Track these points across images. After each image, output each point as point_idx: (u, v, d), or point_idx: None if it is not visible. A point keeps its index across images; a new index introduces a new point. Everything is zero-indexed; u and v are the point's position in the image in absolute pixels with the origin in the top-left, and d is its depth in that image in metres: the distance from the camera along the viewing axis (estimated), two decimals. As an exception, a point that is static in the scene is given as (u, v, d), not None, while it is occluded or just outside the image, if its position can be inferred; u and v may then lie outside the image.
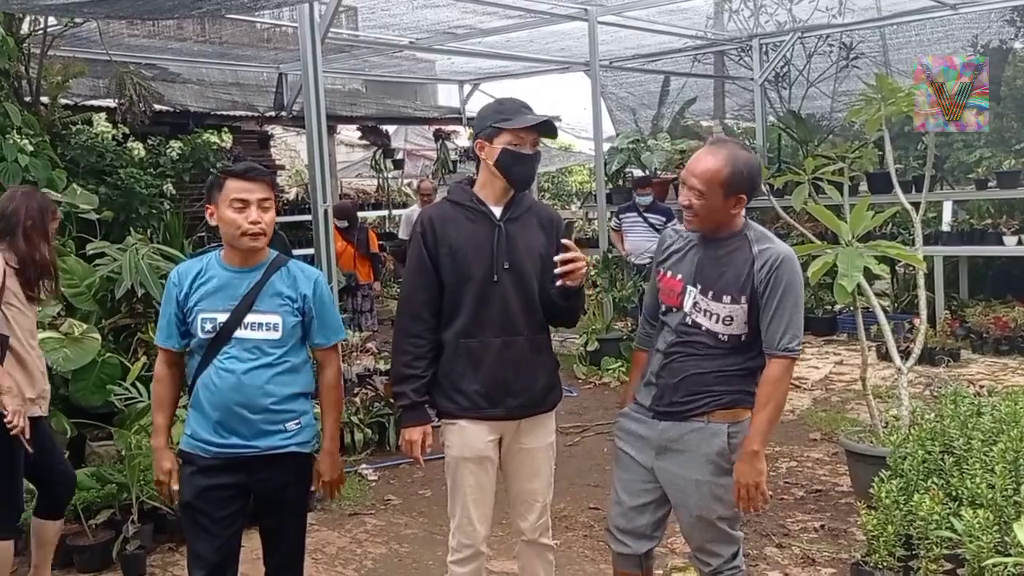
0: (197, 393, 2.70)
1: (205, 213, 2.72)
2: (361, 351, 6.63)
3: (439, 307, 2.77)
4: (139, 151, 6.27)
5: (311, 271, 2.81)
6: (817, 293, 9.06)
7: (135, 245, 4.99)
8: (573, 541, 4.20)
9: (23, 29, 6.05)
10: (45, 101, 6.22)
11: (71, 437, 4.51)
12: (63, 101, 6.65)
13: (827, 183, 5.02)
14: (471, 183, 2.87)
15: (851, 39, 10.72)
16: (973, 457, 3.38)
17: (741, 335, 2.55)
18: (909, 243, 5.82)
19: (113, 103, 7.18)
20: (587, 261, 2.73)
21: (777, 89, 11.41)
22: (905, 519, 3.21)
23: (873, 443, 4.39)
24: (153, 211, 6.12)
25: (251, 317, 2.66)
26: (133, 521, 4.02)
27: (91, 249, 4.96)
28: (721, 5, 10.55)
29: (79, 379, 4.40)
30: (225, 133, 7.07)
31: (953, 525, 3.01)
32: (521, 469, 2.86)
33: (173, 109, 8.98)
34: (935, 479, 3.40)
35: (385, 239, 10.96)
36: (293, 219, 9.44)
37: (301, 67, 5.91)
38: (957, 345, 7.66)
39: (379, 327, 8.96)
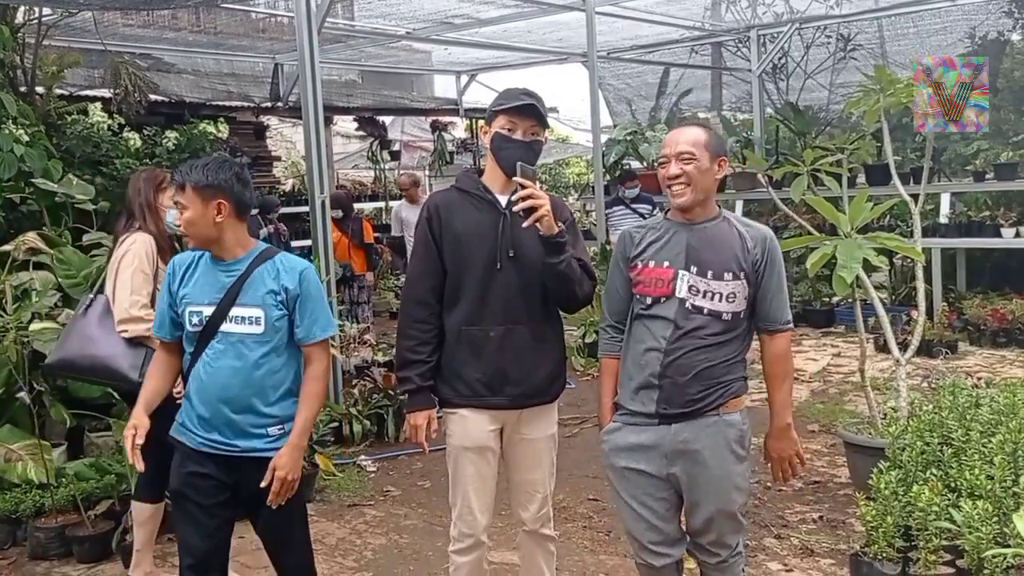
0: (189, 384, 2.71)
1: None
2: (359, 343, 6.62)
3: (444, 293, 2.77)
4: (135, 141, 6.24)
5: (297, 263, 2.72)
6: (815, 285, 9.06)
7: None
8: (573, 532, 4.21)
9: (18, 19, 6.01)
10: (40, 91, 6.19)
11: (70, 428, 4.51)
12: (58, 91, 6.62)
13: (826, 175, 5.02)
14: (480, 172, 2.87)
15: (849, 30, 10.71)
16: (972, 448, 3.39)
17: (741, 312, 2.58)
18: (907, 235, 5.82)
19: (108, 93, 7.15)
20: (548, 203, 2.57)
21: (775, 80, 11.40)
22: (904, 510, 3.21)
23: (872, 434, 4.39)
24: (150, 202, 6.08)
25: (235, 311, 2.63)
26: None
27: (87, 240, 4.94)
28: (719, -5, 10.54)
29: (77, 370, 4.38)
30: (221, 124, 7.04)
31: (952, 516, 3.02)
32: (522, 459, 2.86)
33: (168, 99, 8.94)
34: (934, 470, 3.41)
35: (382, 230, 10.94)
36: (290, 211, 9.41)
37: (297, 57, 5.87)
38: (955, 337, 7.67)
39: (375, 319, 8.95)
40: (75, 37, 7.74)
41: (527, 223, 2.57)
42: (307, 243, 6.08)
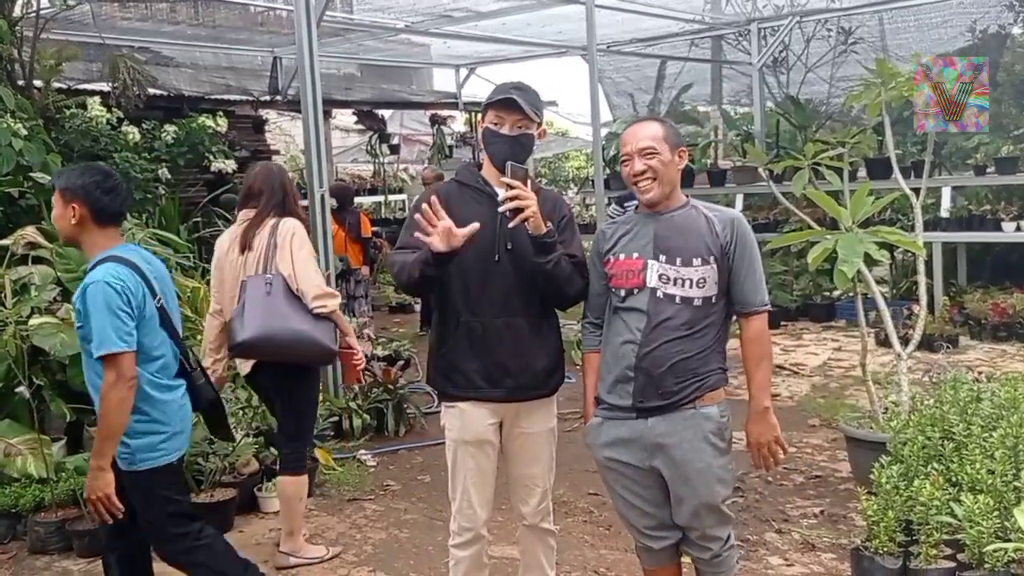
0: None
1: None
2: (357, 337, 6.60)
3: (442, 285, 2.75)
4: (134, 135, 6.23)
5: (89, 278, 2.75)
6: (816, 279, 9.05)
7: (131, 230, 4.96)
8: (573, 526, 4.20)
9: (15, 12, 5.98)
10: (38, 85, 6.17)
11: (69, 422, 4.50)
12: (56, 85, 6.60)
13: (827, 168, 5.00)
14: (479, 166, 2.87)
15: (849, 24, 10.68)
16: (973, 443, 3.38)
17: (712, 296, 2.58)
18: (908, 229, 5.81)
19: (107, 87, 7.13)
20: (535, 203, 2.58)
21: (775, 74, 11.38)
22: (905, 504, 3.21)
23: (873, 429, 4.39)
24: (148, 196, 6.09)
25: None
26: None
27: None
28: (719, -12, 10.50)
29: (77, 364, 4.35)
30: (220, 117, 7.03)
31: (953, 511, 3.02)
32: (521, 453, 2.86)
33: (167, 93, 8.91)
34: (935, 465, 3.40)
35: (381, 225, 10.91)
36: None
37: (296, 51, 5.85)
38: (956, 331, 7.66)
39: (374, 313, 8.91)
40: (73, 31, 7.71)
41: (513, 223, 2.59)
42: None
